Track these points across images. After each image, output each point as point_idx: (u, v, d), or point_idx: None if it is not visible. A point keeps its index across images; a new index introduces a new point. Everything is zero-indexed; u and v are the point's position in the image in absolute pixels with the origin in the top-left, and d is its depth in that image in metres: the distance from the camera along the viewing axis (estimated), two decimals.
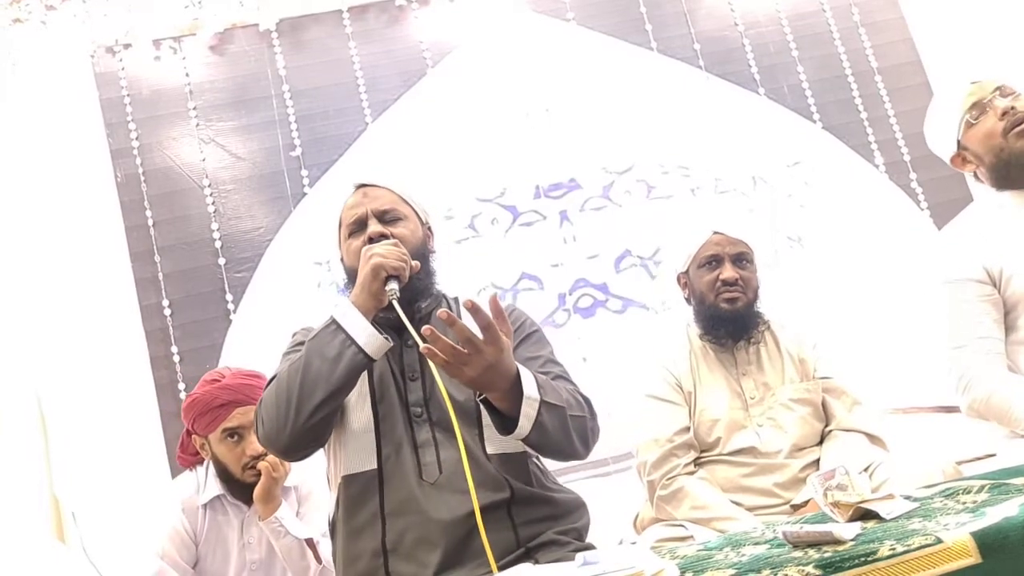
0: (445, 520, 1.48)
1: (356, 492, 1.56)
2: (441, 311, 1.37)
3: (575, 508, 1.63)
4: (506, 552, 1.49)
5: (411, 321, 1.53)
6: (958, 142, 1.95)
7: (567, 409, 1.52)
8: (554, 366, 1.69)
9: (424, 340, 1.37)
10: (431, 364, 1.44)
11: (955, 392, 1.83)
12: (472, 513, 1.43)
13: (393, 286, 1.53)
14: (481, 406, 1.51)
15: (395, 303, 1.51)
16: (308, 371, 1.50)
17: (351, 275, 1.68)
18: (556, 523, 1.57)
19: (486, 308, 1.40)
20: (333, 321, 1.53)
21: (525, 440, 1.49)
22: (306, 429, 1.51)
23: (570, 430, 1.53)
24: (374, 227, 1.66)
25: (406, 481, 1.53)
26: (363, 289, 1.54)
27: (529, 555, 1.50)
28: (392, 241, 1.61)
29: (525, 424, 1.45)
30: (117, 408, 3.14)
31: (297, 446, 1.55)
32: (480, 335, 1.39)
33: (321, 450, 1.63)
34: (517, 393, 1.45)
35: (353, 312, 1.52)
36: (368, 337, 1.50)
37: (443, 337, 1.37)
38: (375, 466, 1.56)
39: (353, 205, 1.72)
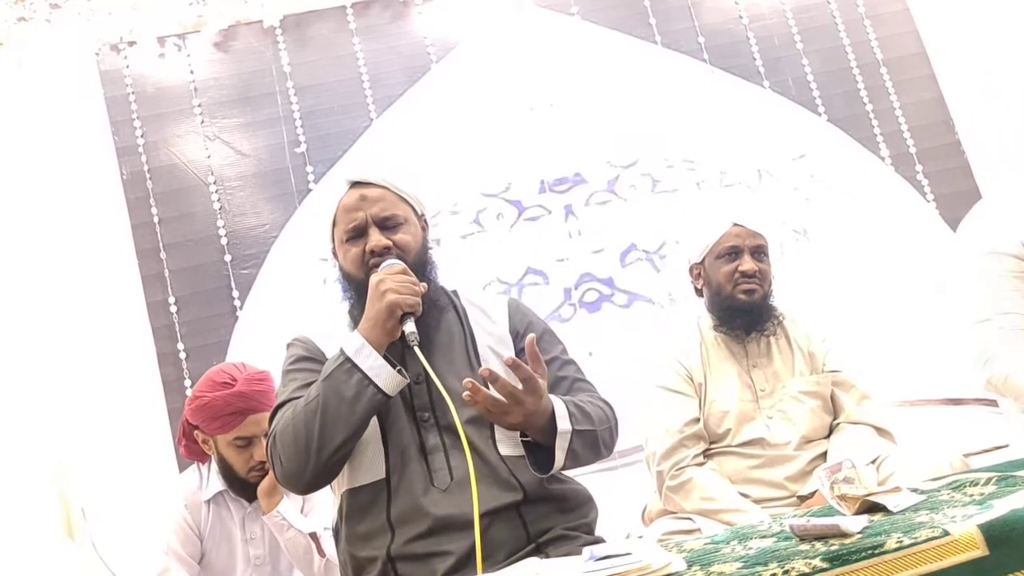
0: (456, 525, 1.47)
1: (364, 502, 1.55)
2: (483, 369, 1.40)
3: (584, 502, 1.63)
4: (516, 549, 1.49)
5: (419, 329, 1.52)
6: None
7: (597, 430, 1.57)
8: (569, 367, 1.69)
9: (464, 385, 1.41)
10: (431, 369, 1.47)
11: (975, 366, 1.82)
12: (482, 516, 1.41)
13: (412, 328, 1.49)
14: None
15: (416, 349, 1.48)
16: (326, 414, 1.47)
17: (348, 280, 1.67)
18: (565, 517, 1.57)
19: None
20: (346, 359, 1.49)
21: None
22: (327, 468, 1.51)
23: (599, 446, 1.59)
24: (376, 239, 1.61)
25: (414, 488, 1.52)
26: (375, 325, 1.50)
27: (539, 550, 1.50)
28: (400, 267, 1.56)
29: (560, 457, 1.51)
30: (124, 405, 3.16)
31: (317, 484, 1.56)
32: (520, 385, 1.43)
33: None
34: (552, 425, 1.49)
35: (367, 349, 1.49)
36: (387, 377, 1.48)
37: (484, 390, 1.41)
38: (383, 476, 1.55)
39: (350, 208, 1.65)
